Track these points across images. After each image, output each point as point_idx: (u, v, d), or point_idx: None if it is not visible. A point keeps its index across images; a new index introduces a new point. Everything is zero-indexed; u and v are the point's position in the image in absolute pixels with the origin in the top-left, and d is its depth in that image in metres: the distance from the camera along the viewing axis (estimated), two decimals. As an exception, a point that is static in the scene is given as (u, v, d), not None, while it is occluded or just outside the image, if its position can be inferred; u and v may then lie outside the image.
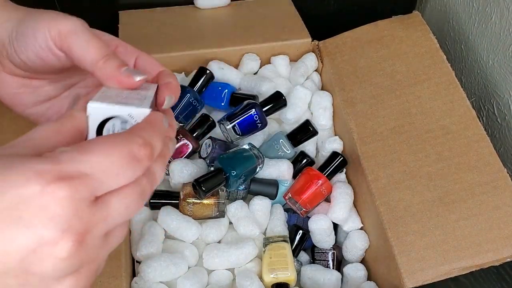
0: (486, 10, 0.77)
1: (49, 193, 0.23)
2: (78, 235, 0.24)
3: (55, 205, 0.23)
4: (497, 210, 0.57)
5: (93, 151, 0.25)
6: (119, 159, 0.25)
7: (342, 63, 0.72)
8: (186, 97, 0.67)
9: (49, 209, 0.23)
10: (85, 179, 0.24)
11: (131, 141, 0.26)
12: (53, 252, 0.23)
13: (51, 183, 0.23)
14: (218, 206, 0.61)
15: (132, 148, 0.26)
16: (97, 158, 0.25)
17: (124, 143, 0.26)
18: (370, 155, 0.63)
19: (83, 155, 0.24)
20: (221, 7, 0.82)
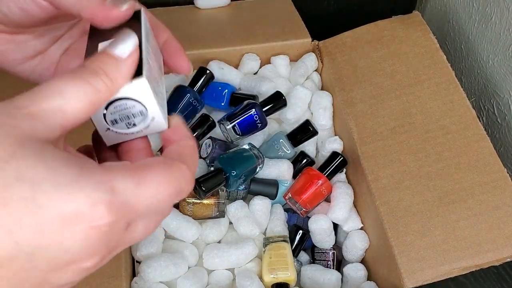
0: (486, 10, 0.77)
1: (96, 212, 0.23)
2: (102, 257, 0.25)
3: (95, 237, 0.23)
4: (497, 210, 0.57)
5: (148, 186, 0.24)
6: (167, 197, 0.26)
7: (342, 63, 0.72)
8: (186, 97, 0.67)
9: (89, 238, 0.23)
10: (129, 212, 0.24)
11: (182, 176, 0.26)
12: (76, 268, 0.24)
13: (99, 218, 0.23)
14: (218, 206, 0.61)
15: (181, 185, 0.26)
16: (149, 194, 0.25)
17: (177, 180, 0.26)
18: (370, 155, 0.63)
19: (137, 190, 0.24)
20: (221, 7, 0.82)
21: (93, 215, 0.22)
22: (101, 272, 0.54)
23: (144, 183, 0.24)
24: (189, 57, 0.34)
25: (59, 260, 0.23)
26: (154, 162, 0.26)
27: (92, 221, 0.22)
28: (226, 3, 0.82)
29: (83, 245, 0.23)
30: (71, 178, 0.22)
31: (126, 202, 0.24)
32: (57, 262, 0.23)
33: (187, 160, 0.27)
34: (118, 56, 0.27)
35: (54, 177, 0.22)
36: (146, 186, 0.24)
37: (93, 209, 0.22)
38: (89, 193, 0.22)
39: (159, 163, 0.26)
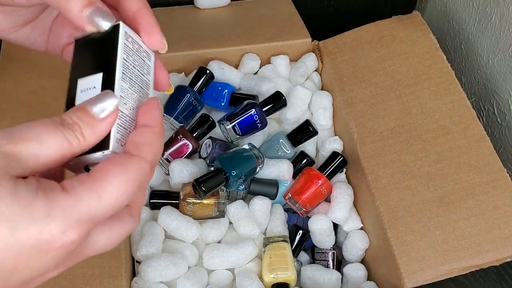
0: (486, 10, 0.77)
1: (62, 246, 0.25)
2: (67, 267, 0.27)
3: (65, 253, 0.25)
4: (497, 210, 0.57)
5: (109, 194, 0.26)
6: (130, 195, 0.27)
7: (342, 63, 0.72)
8: (186, 97, 0.67)
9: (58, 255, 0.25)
10: (96, 221, 0.26)
11: (139, 171, 0.27)
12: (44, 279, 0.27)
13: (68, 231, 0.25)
14: (218, 206, 0.61)
15: (140, 180, 0.27)
16: (111, 201, 0.26)
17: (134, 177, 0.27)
18: (370, 155, 0.63)
19: (100, 202, 0.26)
20: (221, 7, 0.82)
21: (64, 240, 0.25)
22: (101, 272, 0.54)
23: (105, 193, 0.26)
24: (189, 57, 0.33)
25: (30, 277, 0.25)
26: (110, 166, 0.26)
27: (63, 245, 0.25)
28: (226, 3, 0.82)
29: (52, 263, 0.25)
30: (43, 212, 0.24)
31: (92, 218, 0.25)
32: (29, 279, 0.25)
33: (144, 151, 0.28)
34: (95, 115, 0.28)
35: (28, 213, 0.24)
36: (107, 195, 0.26)
37: (64, 235, 0.24)
38: (60, 223, 0.24)
39: (114, 165, 0.26)
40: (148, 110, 0.30)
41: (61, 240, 0.24)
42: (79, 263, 0.28)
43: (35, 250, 0.24)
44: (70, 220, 0.25)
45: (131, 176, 0.27)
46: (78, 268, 0.53)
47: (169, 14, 0.81)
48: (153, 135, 0.29)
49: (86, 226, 0.25)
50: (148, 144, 0.28)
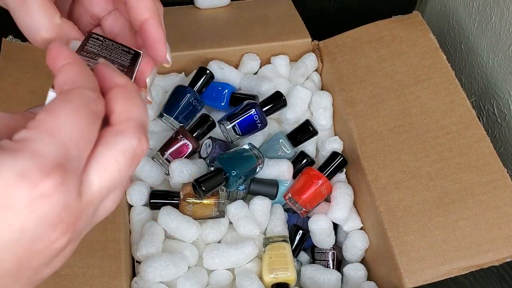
0: (486, 10, 0.77)
1: (36, 194, 0.22)
2: (70, 225, 0.24)
3: (44, 204, 0.22)
4: (497, 210, 0.57)
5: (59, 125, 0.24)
6: (84, 122, 0.24)
7: (342, 63, 0.72)
8: (186, 97, 0.67)
9: (38, 209, 0.22)
10: (66, 163, 0.23)
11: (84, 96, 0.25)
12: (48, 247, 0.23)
13: (37, 184, 0.22)
14: (218, 206, 0.61)
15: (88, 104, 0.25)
16: (66, 132, 0.24)
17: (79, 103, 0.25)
18: (370, 155, 0.63)
19: (53, 136, 0.23)
20: (221, 7, 0.82)
21: (30, 185, 0.22)
22: (101, 272, 0.54)
23: (56, 128, 0.24)
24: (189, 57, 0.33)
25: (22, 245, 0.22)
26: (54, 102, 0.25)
27: (31, 190, 0.22)
28: (226, 3, 0.82)
29: (37, 220, 0.22)
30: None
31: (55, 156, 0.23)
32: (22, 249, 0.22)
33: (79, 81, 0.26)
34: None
35: None
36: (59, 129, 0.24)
37: (24, 178, 0.22)
38: (11, 166, 0.22)
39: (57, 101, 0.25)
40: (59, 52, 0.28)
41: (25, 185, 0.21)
42: (79, 263, 0.27)
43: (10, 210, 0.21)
44: (24, 161, 0.22)
45: (75, 104, 0.24)
46: (78, 268, 0.53)
47: (169, 14, 0.80)
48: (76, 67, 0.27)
49: (53, 167, 0.22)
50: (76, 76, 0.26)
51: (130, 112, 0.27)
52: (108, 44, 0.33)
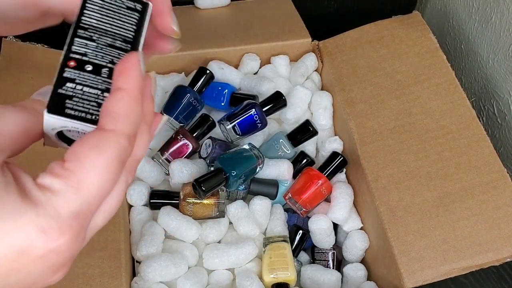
0: (486, 10, 0.77)
1: (51, 248, 0.23)
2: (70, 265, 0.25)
3: (56, 257, 0.23)
4: (497, 210, 0.57)
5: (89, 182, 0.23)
6: (112, 177, 0.24)
7: (342, 63, 0.72)
8: (186, 97, 0.67)
9: (49, 260, 0.23)
10: (84, 221, 0.24)
11: (116, 146, 0.24)
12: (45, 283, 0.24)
13: (54, 241, 0.23)
14: (218, 206, 0.61)
15: (120, 157, 0.24)
16: (94, 190, 0.24)
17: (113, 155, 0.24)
18: (370, 155, 0.63)
19: (79, 194, 0.23)
20: (221, 7, 0.82)
21: (46, 241, 0.22)
22: (101, 272, 0.54)
23: (83, 185, 0.23)
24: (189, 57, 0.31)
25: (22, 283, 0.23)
26: (84, 151, 0.24)
27: (46, 246, 0.23)
28: (226, 3, 0.82)
29: (44, 267, 0.23)
30: (14, 207, 0.22)
31: (76, 216, 0.23)
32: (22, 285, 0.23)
33: (120, 123, 0.24)
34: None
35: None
36: (86, 187, 0.23)
37: (43, 235, 0.22)
38: (34, 220, 0.22)
39: (89, 149, 0.24)
40: (123, 70, 0.25)
41: (43, 240, 0.22)
42: (79, 263, 0.27)
43: (13, 251, 0.22)
44: (48, 219, 0.22)
45: (108, 158, 0.24)
46: (78, 268, 0.53)
47: (169, 14, 0.80)
48: (130, 101, 0.25)
49: (70, 226, 0.23)
50: (124, 114, 0.24)
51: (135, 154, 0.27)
52: (109, 2, 0.29)
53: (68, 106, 0.26)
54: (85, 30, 0.27)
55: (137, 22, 0.29)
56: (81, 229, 0.24)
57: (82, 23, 0.27)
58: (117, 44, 0.28)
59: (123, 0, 0.29)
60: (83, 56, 0.27)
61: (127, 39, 0.28)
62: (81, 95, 0.26)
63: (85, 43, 0.27)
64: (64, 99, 0.26)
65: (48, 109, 0.25)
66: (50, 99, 0.25)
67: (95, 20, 0.28)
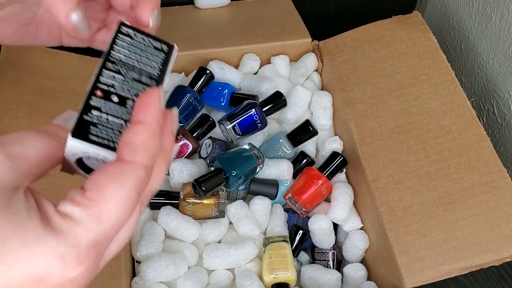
0: (486, 10, 0.77)
1: (68, 277, 0.23)
2: (84, 286, 0.25)
3: (71, 285, 0.24)
4: (497, 210, 0.57)
5: (108, 213, 0.24)
6: (130, 209, 0.25)
7: (342, 63, 0.72)
8: (186, 97, 0.67)
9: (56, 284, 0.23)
10: (100, 250, 0.24)
11: (136, 178, 0.25)
12: None
13: (72, 270, 0.23)
14: (218, 206, 0.61)
15: (139, 189, 0.25)
16: (112, 221, 0.24)
17: (132, 186, 0.25)
18: (370, 155, 0.63)
19: (99, 224, 0.24)
20: (221, 7, 0.82)
21: (65, 269, 0.23)
22: (101, 272, 0.54)
23: (104, 215, 0.24)
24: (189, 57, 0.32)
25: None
26: (105, 182, 0.24)
27: (64, 274, 0.23)
28: (226, 3, 0.82)
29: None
30: (35, 233, 0.22)
31: (94, 244, 0.24)
32: None
33: (139, 155, 0.25)
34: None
35: (19, 233, 0.22)
36: (106, 217, 0.24)
37: (62, 263, 0.23)
38: (55, 247, 0.22)
39: (109, 180, 0.24)
40: (144, 104, 0.26)
41: (61, 268, 0.23)
42: None
43: (31, 279, 0.22)
44: (68, 248, 0.23)
45: (128, 190, 0.24)
46: (78, 268, 0.53)
47: (169, 14, 0.81)
48: (148, 135, 0.26)
49: (87, 255, 0.23)
50: (143, 147, 0.25)
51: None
52: (138, 42, 0.30)
53: (92, 132, 0.26)
54: (113, 64, 0.29)
55: (163, 62, 0.31)
56: (97, 258, 0.24)
57: (111, 56, 0.29)
58: (142, 80, 0.30)
59: (150, 40, 0.31)
60: (110, 88, 0.28)
61: (152, 76, 0.30)
62: (105, 124, 0.27)
63: (113, 76, 0.29)
64: (88, 125, 0.27)
65: (72, 133, 0.26)
66: (76, 124, 0.26)
67: (123, 55, 0.30)
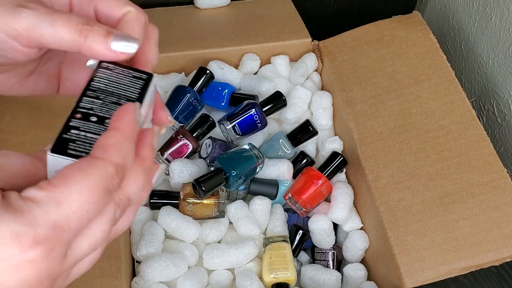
0: (486, 10, 0.77)
1: (25, 257, 0.23)
2: (49, 277, 0.24)
3: (30, 269, 0.23)
4: (497, 210, 0.57)
5: (70, 200, 0.24)
6: (95, 200, 0.25)
7: (342, 63, 0.72)
8: (186, 97, 0.67)
9: (24, 271, 0.23)
10: (61, 235, 0.24)
11: (103, 173, 0.25)
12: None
13: (28, 249, 0.23)
14: (218, 206, 0.61)
15: (106, 183, 0.25)
16: (74, 208, 0.24)
17: (98, 180, 0.25)
18: (370, 155, 0.63)
19: (60, 209, 0.24)
20: (221, 7, 0.82)
21: (21, 248, 0.23)
22: (101, 272, 0.54)
23: (65, 201, 0.24)
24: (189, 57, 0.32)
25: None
26: (72, 171, 0.25)
27: (21, 254, 0.23)
28: (226, 3, 0.82)
29: (19, 280, 0.23)
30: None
31: (53, 227, 0.24)
32: None
33: (109, 153, 0.26)
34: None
35: None
36: (67, 203, 0.24)
37: (18, 240, 0.22)
38: (11, 225, 0.22)
39: (76, 170, 0.25)
40: (119, 115, 0.28)
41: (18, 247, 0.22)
42: None
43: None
44: (23, 226, 0.23)
45: (93, 181, 0.25)
46: (78, 268, 0.53)
47: (169, 14, 0.81)
48: (120, 137, 0.27)
49: (46, 236, 0.23)
50: (113, 146, 0.26)
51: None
52: (117, 73, 0.32)
53: (70, 147, 0.27)
54: (93, 92, 0.30)
55: (141, 87, 0.32)
56: (57, 242, 0.24)
57: (91, 86, 0.30)
58: (121, 102, 0.30)
59: (130, 71, 0.32)
60: (89, 110, 0.29)
61: (130, 99, 0.31)
62: (83, 139, 0.28)
63: (92, 101, 0.30)
64: (67, 142, 0.28)
65: (51, 149, 0.27)
66: (55, 141, 0.28)
67: (103, 84, 0.31)
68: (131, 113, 0.28)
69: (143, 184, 0.28)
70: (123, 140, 0.27)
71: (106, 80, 0.31)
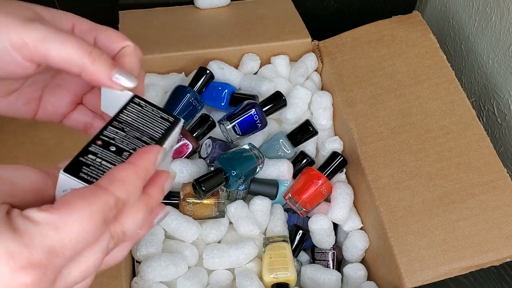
0: (486, 10, 0.77)
1: (17, 278, 0.23)
2: None
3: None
4: (497, 210, 0.57)
5: (68, 226, 0.24)
6: (93, 229, 0.25)
7: (342, 63, 0.72)
8: (186, 97, 0.67)
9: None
10: (54, 261, 0.24)
11: (103, 204, 0.25)
12: None
13: (21, 270, 0.23)
14: (218, 206, 0.61)
15: (104, 213, 0.25)
16: (71, 235, 0.24)
17: (98, 210, 0.25)
18: (370, 155, 0.63)
19: (57, 234, 0.24)
20: (221, 7, 0.82)
21: (13, 267, 0.23)
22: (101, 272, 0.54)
23: (64, 226, 0.24)
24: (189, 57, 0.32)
25: None
26: (74, 198, 0.25)
27: (13, 275, 0.23)
28: (226, 3, 0.82)
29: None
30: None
31: (48, 251, 0.24)
32: None
33: (114, 185, 0.26)
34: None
35: None
36: (66, 228, 0.24)
37: (12, 259, 0.23)
38: (8, 243, 0.23)
39: (79, 197, 0.25)
40: (144, 152, 0.29)
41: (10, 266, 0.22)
42: None
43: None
44: (19, 247, 0.23)
45: (93, 210, 0.25)
46: (78, 268, 0.53)
47: (169, 14, 0.81)
48: (131, 173, 0.27)
49: (39, 261, 0.23)
50: (120, 179, 0.27)
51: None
52: (147, 111, 0.33)
53: (83, 171, 0.28)
54: (119, 123, 0.32)
55: (166, 128, 0.33)
56: (50, 267, 0.24)
57: (118, 117, 0.32)
58: (143, 139, 0.32)
59: (159, 111, 0.34)
60: (111, 140, 0.30)
61: (153, 137, 0.32)
62: (98, 166, 0.29)
63: (116, 131, 0.31)
64: (81, 165, 0.28)
65: (64, 169, 0.28)
66: (70, 162, 0.28)
67: (131, 118, 0.32)
68: (153, 155, 0.29)
69: (141, 222, 0.29)
70: (135, 176, 0.27)
71: (134, 115, 0.33)
